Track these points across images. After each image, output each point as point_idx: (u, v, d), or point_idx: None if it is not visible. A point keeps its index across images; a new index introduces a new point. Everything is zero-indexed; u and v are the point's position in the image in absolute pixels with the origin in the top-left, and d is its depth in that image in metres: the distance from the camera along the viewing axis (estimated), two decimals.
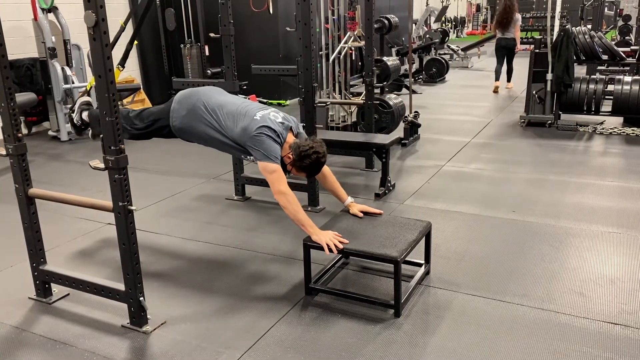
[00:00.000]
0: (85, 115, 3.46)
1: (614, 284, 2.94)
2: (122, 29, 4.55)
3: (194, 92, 3.13)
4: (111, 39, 2.30)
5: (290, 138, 2.97)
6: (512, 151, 5.73)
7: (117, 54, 4.68)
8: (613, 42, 7.93)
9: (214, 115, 3.00)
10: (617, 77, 6.60)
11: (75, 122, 3.50)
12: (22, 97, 5.89)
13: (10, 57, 2.57)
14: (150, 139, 3.37)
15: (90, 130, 3.52)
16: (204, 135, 3.05)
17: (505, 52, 9.33)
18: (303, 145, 2.88)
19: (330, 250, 2.71)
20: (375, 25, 8.64)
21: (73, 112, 3.52)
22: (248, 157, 3.01)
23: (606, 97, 6.49)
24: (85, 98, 3.56)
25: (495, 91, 9.49)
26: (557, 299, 2.81)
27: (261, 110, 3.00)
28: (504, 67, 9.50)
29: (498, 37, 9.34)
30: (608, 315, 2.65)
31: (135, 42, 4.53)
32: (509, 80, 9.75)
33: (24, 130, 6.89)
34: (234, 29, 4.09)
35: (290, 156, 2.91)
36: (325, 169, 3.09)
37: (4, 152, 2.66)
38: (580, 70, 8.52)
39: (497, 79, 9.52)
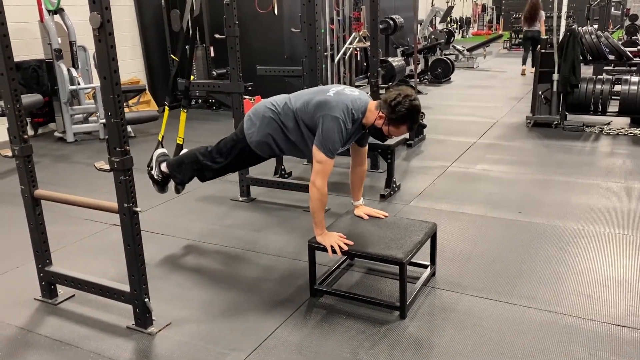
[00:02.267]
0: (164, 166, 3.33)
1: (621, 286, 2.92)
2: (178, 64, 4.20)
3: (259, 104, 3.08)
4: (117, 40, 2.30)
5: (373, 105, 2.83)
6: (518, 152, 5.70)
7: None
8: (620, 42, 7.88)
9: (285, 107, 2.92)
10: (624, 77, 6.56)
11: (156, 177, 3.37)
12: (29, 99, 5.91)
13: (16, 59, 2.57)
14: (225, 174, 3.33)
15: (173, 183, 3.40)
16: (282, 134, 2.94)
17: (531, 42, 10.97)
18: (389, 96, 2.72)
19: (335, 252, 2.71)
20: (381, 26, 8.64)
21: (151, 168, 3.39)
22: None
23: (613, 97, 6.45)
24: (160, 150, 3.43)
25: (523, 73, 11.39)
26: (564, 300, 2.79)
27: (334, 87, 2.91)
28: (530, 55, 11.09)
29: (525, 29, 11.07)
30: (615, 317, 2.63)
31: (193, 77, 4.17)
32: (533, 65, 11.25)
33: (30, 132, 6.92)
34: (239, 30, 4.08)
35: (382, 114, 2.75)
36: (366, 164, 3.13)
37: (10, 154, 2.67)
38: (586, 71, 8.48)
39: (523, 63, 11.54)
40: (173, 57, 4.41)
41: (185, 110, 3.78)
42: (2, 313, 2.81)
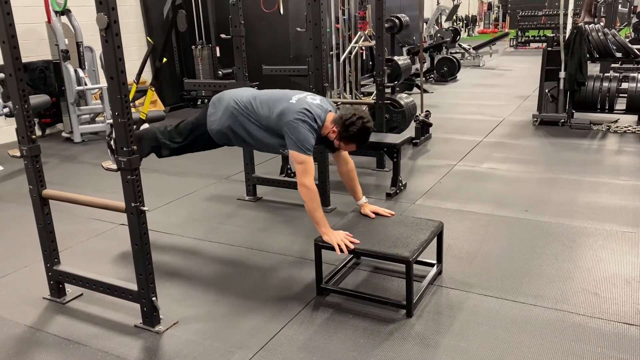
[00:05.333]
0: None
1: (629, 284, 2.91)
2: (152, 46, 4.56)
3: (226, 92, 3.16)
4: (124, 41, 2.33)
5: (331, 117, 2.93)
6: (524, 150, 5.69)
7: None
8: (627, 40, 7.84)
9: (249, 108, 3.00)
10: (632, 74, 6.52)
11: (114, 147, 3.38)
12: (36, 99, 5.94)
13: (24, 60, 2.59)
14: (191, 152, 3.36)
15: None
16: (242, 132, 3.04)
17: None
18: (345, 114, 2.85)
19: (342, 251, 2.71)
20: (386, 25, 8.62)
21: (111, 138, 3.42)
22: (286, 150, 2.97)
23: (620, 95, 6.41)
24: None
25: None
26: (571, 299, 2.78)
27: (297, 94, 2.98)
28: None
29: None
30: (623, 315, 2.62)
31: (165, 59, 4.54)
32: None
33: (38, 132, 6.96)
34: (244, 29, 4.09)
35: (335, 129, 2.86)
36: (351, 162, 3.12)
37: (18, 154, 2.69)
38: (593, 68, 8.44)
39: None
40: (149, 39, 4.70)
41: (153, 89, 4.28)
42: (11, 312, 2.84)
